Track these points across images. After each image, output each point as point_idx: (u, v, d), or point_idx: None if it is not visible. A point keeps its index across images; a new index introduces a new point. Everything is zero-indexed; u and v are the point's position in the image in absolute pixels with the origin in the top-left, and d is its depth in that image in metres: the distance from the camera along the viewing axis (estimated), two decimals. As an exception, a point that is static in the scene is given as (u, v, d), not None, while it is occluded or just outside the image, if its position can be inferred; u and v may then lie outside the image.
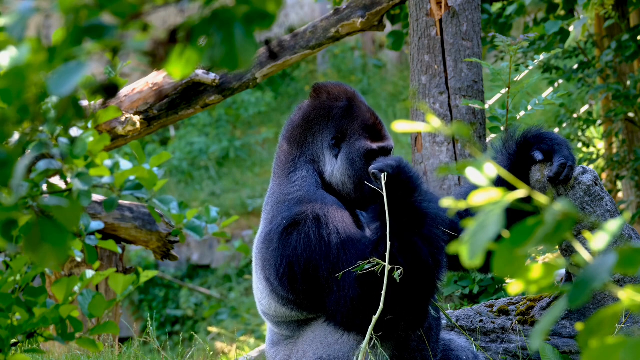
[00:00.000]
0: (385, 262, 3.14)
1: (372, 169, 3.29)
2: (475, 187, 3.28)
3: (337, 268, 3.22)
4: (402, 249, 3.14)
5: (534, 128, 3.59)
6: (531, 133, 3.57)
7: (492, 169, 1.51)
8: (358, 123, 3.47)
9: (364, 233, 3.37)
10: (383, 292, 3.14)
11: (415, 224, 3.18)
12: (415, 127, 1.60)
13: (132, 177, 2.05)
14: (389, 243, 3.14)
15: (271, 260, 3.35)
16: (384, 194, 3.20)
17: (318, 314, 3.40)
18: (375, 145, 3.45)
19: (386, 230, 3.16)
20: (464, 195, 3.69)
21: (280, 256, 3.30)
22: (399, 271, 3.13)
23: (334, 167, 3.47)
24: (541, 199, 1.47)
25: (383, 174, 3.23)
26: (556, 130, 8.13)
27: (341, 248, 3.23)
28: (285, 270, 3.29)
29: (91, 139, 1.91)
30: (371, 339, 3.28)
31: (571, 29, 7.03)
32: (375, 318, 3.17)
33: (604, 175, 8.07)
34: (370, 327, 3.20)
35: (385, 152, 3.48)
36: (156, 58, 1.39)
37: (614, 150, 8.05)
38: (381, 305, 3.15)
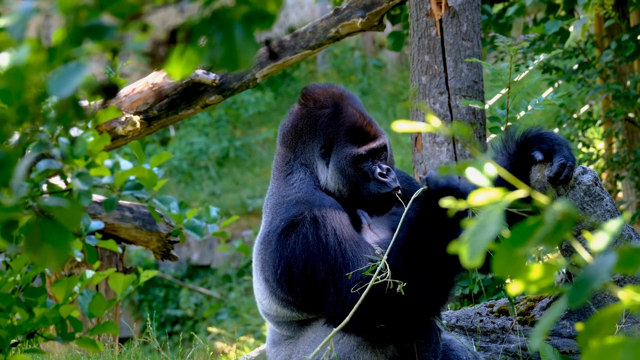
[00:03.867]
0: (388, 272, 3.14)
1: (423, 178, 3.25)
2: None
3: (334, 270, 3.22)
4: (410, 272, 3.13)
5: (534, 128, 3.59)
6: (531, 133, 3.56)
7: (492, 169, 1.51)
8: (344, 129, 3.42)
9: (362, 235, 3.36)
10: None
11: (436, 256, 3.14)
12: (415, 127, 1.60)
13: (132, 177, 2.05)
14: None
15: (270, 261, 3.35)
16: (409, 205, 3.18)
17: (318, 314, 3.40)
18: (362, 150, 3.41)
19: (399, 244, 3.16)
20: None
21: (278, 257, 3.29)
22: (400, 285, 3.12)
23: (327, 175, 3.45)
24: (541, 199, 1.47)
25: (423, 187, 3.18)
26: (556, 130, 8.13)
27: (339, 250, 3.22)
28: (283, 271, 3.29)
29: (91, 139, 1.91)
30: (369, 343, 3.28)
31: (571, 28, 7.02)
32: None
33: (604, 176, 8.07)
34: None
35: (375, 152, 3.43)
36: (156, 58, 1.39)
37: (614, 151, 8.05)
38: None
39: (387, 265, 3.14)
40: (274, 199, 3.46)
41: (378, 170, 3.40)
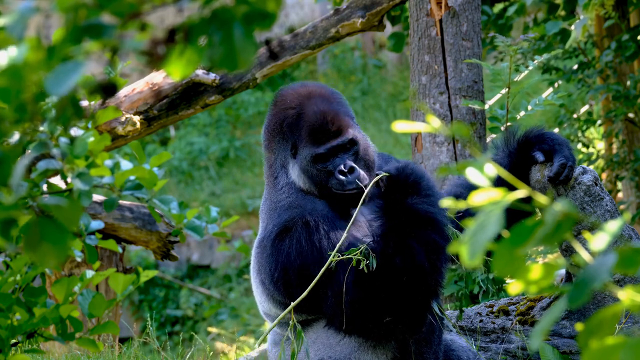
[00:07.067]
0: (379, 262, 3.13)
1: (380, 171, 3.28)
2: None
3: (330, 274, 3.21)
4: (397, 250, 3.13)
5: (535, 128, 3.60)
6: (533, 133, 3.57)
7: (492, 169, 1.50)
8: (305, 130, 3.40)
9: (359, 233, 3.35)
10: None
11: (412, 226, 3.16)
12: (415, 127, 1.60)
13: (132, 177, 2.05)
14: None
15: (266, 265, 3.34)
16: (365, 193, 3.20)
17: (318, 315, 3.40)
18: (322, 149, 3.37)
19: (381, 232, 3.17)
20: (461, 186, 3.69)
21: (274, 262, 3.29)
22: (374, 261, 3.11)
23: (296, 175, 3.44)
24: (541, 199, 1.47)
25: (382, 175, 3.23)
26: (556, 130, 8.12)
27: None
28: (280, 275, 3.27)
29: (91, 139, 1.91)
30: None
31: (572, 27, 7.02)
32: None
33: (603, 176, 8.07)
34: None
35: (337, 150, 3.39)
36: (154, 57, 1.39)
37: (614, 151, 8.05)
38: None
39: (376, 253, 3.13)
40: (267, 205, 3.47)
41: (340, 167, 3.37)
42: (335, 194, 3.36)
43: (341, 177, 3.35)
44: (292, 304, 3.27)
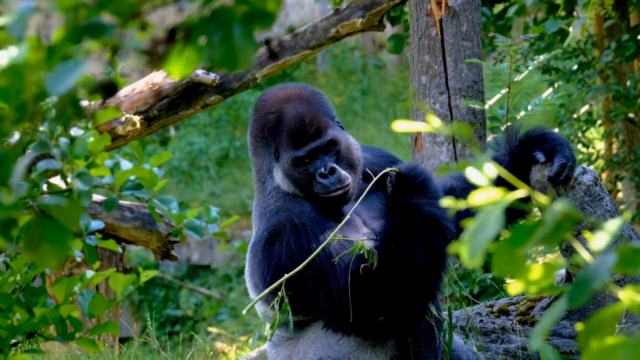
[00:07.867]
0: (379, 260, 3.12)
1: (387, 169, 3.27)
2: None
3: (321, 275, 3.20)
4: (399, 250, 3.12)
5: (537, 128, 3.60)
6: (534, 132, 3.57)
7: (492, 169, 1.51)
8: (284, 134, 3.39)
9: (356, 234, 3.35)
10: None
11: (416, 227, 3.15)
12: (415, 127, 1.60)
13: (132, 177, 2.05)
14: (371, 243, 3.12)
15: (258, 269, 3.34)
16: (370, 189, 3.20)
17: (313, 316, 3.39)
18: (301, 152, 3.37)
19: (384, 230, 3.16)
20: (456, 179, 3.69)
21: (266, 266, 3.29)
22: (374, 260, 3.11)
23: (280, 178, 3.44)
24: (541, 199, 1.47)
25: (389, 170, 3.22)
26: (556, 130, 8.12)
27: (323, 255, 3.20)
28: (272, 278, 3.27)
29: (91, 139, 1.91)
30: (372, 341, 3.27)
31: (571, 29, 7.03)
32: None
33: (603, 176, 8.07)
34: None
35: (317, 151, 3.39)
36: (154, 57, 1.39)
37: (614, 151, 8.05)
38: None
39: (377, 252, 3.12)
40: (258, 210, 3.48)
41: (321, 170, 3.36)
42: (321, 198, 3.36)
43: (322, 180, 3.35)
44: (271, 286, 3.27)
